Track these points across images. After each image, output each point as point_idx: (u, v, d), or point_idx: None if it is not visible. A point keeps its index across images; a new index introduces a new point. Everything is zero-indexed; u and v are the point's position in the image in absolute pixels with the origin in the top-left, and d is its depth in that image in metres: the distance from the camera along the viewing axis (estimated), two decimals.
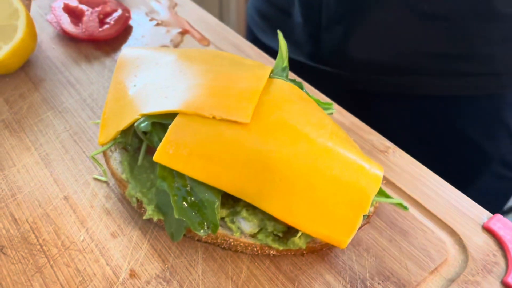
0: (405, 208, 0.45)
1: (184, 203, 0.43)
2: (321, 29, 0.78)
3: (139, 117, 0.45)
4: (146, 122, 0.44)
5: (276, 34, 0.90)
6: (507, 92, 0.72)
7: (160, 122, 0.45)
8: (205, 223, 0.43)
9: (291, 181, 0.42)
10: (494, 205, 0.54)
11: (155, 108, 0.45)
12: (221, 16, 1.99)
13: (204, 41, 0.76)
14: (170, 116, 0.44)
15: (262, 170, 0.42)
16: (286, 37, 0.88)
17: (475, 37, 0.68)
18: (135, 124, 0.45)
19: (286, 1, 0.83)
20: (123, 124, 0.46)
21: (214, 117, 0.43)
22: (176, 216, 0.42)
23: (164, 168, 0.43)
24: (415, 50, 0.71)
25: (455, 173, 0.60)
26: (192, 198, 0.43)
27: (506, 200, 0.85)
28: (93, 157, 0.50)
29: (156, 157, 0.42)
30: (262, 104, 0.45)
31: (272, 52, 0.75)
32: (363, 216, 0.43)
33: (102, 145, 0.49)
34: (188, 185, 0.44)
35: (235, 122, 0.43)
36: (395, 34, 0.71)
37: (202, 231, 0.42)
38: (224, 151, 0.42)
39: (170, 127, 0.43)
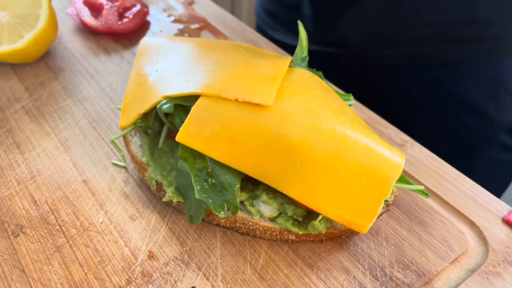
0: (427, 195, 0.45)
1: (205, 184, 0.43)
2: (331, 16, 0.80)
3: (162, 99, 0.45)
4: (168, 104, 0.44)
5: (286, 29, 0.92)
6: (508, 56, 0.73)
7: (182, 105, 0.45)
8: (225, 205, 0.43)
9: (313, 164, 0.42)
10: (504, 180, 0.53)
11: (177, 90, 0.45)
12: (233, 12, 2.00)
13: (221, 36, 0.76)
14: (192, 98, 0.44)
15: (284, 153, 0.42)
16: (295, 30, 0.90)
17: (476, 1, 0.69)
18: (157, 106, 0.45)
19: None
20: (145, 106, 0.47)
21: (236, 100, 0.43)
22: (197, 197, 0.42)
23: (185, 149, 0.43)
24: (417, 20, 0.73)
25: (463, 144, 0.59)
26: (213, 180, 0.43)
27: None
28: (113, 142, 0.50)
29: (178, 137, 0.42)
30: (283, 89, 0.45)
31: (284, 47, 0.76)
32: (384, 202, 0.43)
33: (123, 128, 0.49)
34: (209, 167, 0.44)
35: (257, 105, 0.43)
36: (398, 6, 0.73)
37: (222, 212, 0.42)
38: (245, 133, 0.42)
39: (192, 108, 0.43)
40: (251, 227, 0.45)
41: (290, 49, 0.75)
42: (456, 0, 0.69)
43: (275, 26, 0.94)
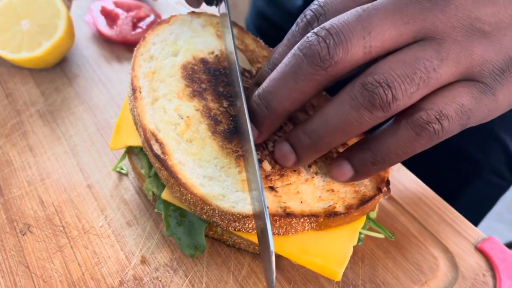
0: (391, 237, 0.49)
1: (176, 223, 0.48)
2: None
3: None
4: None
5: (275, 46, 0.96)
6: None
7: None
8: (193, 244, 0.47)
9: None
10: (482, 208, 0.57)
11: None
12: None
13: None
14: None
15: None
16: None
17: None
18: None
19: (284, 20, 0.89)
20: (134, 141, 0.51)
21: None
22: (166, 234, 0.47)
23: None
24: None
25: (448, 183, 0.63)
26: (184, 219, 0.48)
27: (493, 203, 0.89)
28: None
29: (163, 195, 0.48)
30: None
31: None
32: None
33: (113, 150, 0.54)
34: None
35: None
36: None
37: (190, 252, 0.47)
38: None
39: None
40: (236, 240, 0.49)
41: None
42: None
43: (266, 43, 0.99)
